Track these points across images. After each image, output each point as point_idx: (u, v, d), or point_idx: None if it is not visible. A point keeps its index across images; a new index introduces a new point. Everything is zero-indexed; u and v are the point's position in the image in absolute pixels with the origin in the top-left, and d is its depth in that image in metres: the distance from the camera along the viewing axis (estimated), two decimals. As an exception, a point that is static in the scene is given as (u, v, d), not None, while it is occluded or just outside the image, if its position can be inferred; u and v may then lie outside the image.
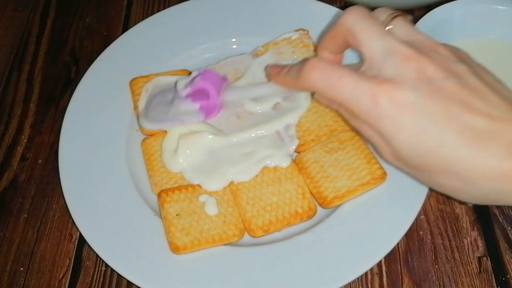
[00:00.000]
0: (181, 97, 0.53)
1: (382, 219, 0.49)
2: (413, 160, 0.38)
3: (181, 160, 0.53)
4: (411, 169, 0.40)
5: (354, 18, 0.40)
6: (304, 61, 0.41)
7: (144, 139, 0.56)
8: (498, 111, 0.36)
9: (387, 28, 0.41)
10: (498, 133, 0.35)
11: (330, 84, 0.39)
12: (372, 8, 0.67)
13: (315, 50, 0.46)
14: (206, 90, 0.52)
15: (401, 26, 0.41)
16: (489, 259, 0.51)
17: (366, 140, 0.41)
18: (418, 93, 0.36)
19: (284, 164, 0.53)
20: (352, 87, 0.38)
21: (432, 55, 0.38)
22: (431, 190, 0.50)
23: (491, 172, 0.35)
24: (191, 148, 0.53)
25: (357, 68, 0.41)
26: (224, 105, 0.54)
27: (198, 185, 0.53)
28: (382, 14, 0.42)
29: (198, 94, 0.52)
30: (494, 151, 0.35)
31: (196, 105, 0.53)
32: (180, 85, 0.54)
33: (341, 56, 0.46)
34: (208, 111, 0.53)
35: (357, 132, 0.42)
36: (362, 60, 0.41)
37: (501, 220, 0.53)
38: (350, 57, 0.50)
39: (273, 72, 0.48)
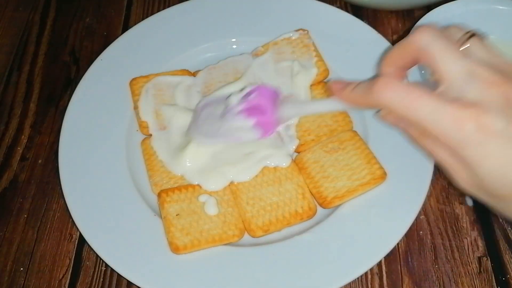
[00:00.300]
0: (234, 112, 0.50)
1: (382, 219, 0.49)
2: (498, 189, 0.36)
3: (187, 162, 0.53)
4: (493, 197, 0.38)
5: (429, 37, 0.39)
6: (374, 78, 0.40)
7: (144, 139, 0.56)
8: None
9: (462, 47, 0.39)
10: None
11: (408, 104, 0.37)
12: (372, 8, 0.68)
13: (380, 66, 0.44)
14: (263, 107, 0.49)
15: (478, 46, 0.39)
16: (489, 259, 0.51)
17: (436, 163, 0.40)
18: (507, 119, 0.35)
19: (284, 164, 0.53)
20: (432, 108, 0.36)
21: None
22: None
23: None
24: (199, 150, 0.53)
25: (427, 86, 0.39)
26: (280, 122, 0.50)
27: (198, 185, 0.53)
28: (457, 32, 0.40)
29: (253, 110, 0.50)
30: None
31: (251, 121, 0.50)
32: (233, 101, 0.51)
33: (406, 73, 0.44)
34: (264, 128, 0.50)
35: (427, 153, 0.41)
36: (435, 80, 0.39)
37: (501, 220, 0.53)
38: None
39: (337, 88, 0.45)
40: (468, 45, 0.39)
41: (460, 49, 0.38)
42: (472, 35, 0.39)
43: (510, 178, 0.35)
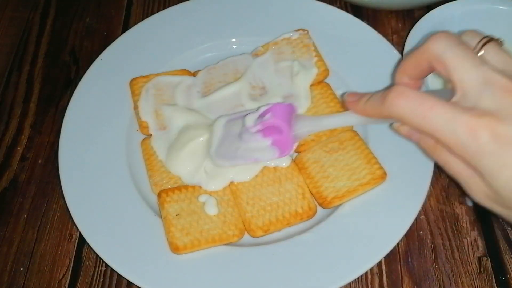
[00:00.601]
0: (251, 133, 0.50)
1: (382, 219, 0.49)
2: None
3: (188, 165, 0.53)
4: (509, 210, 0.37)
5: (444, 45, 0.38)
6: (388, 88, 0.39)
7: (144, 139, 0.56)
8: None
9: (478, 54, 0.38)
10: None
11: (421, 114, 0.37)
12: (372, 8, 0.68)
13: (394, 75, 0.44)
14: (279, 127, 0.49)
15: (494, 52, 0.38)
16: (489, 259, 0.51)
17: (451, 176, 0.40)
18: None
19: (284, 164, 0.53)
20: (447, 118, 0.36)
21: None
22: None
23: None
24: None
25: (442, 94, 0.39)
26: (297, 138, 0.51)
27: (198, 185, 0.53)
28: (473, 38, 0.39)
29: (270, 130, 0.50)
30: None
31: (268, 141, 0.50)
32: (249, 122, 0.50)
33: (421, 82, 0.44)
34: (282, 147, 0.50)
35: (441, 166, 0.41)
36: (449, 88, 0.39)
37: (501, 220, 0.53)
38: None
39: (351, 100, 0.44)
40: (483, 51, 0.38)
41: (476, 56, 0.37)
42: (488, 40, 0.38)
43: None
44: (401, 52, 0.59)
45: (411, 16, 0.68)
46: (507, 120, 0.34)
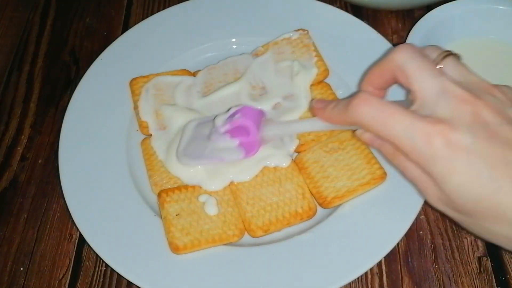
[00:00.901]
0: (220, 133, 0.51)
1: (382, 219, 0.49)
2: (464, 205, 0.37)
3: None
4: (459, 213, 0.39)
5: (406, 56, 0.40)
6: (352, 96, 0.41)
7: (144, 139, 0.56)
8: None
9: (438, 66, 0.40)
10: None
11: (382, 120, 0.38)
12: (372, 8, 0.68)
13: (360, 85, 0.46)
14: (247, 127, 0.50)
15: (453, 65, 0.40)
16: (489, 259, 0.51)
17: (408, 180, 0.42)
18: (474, 136, 0.36)
19: (284, 164, 0.53)
20: (405, 125, 0.37)
21: (487, 98, 0.37)
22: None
23: None
24: None
25: (403, 104, 0.40)
26: (263, 141, 0.52)
27: (198, 185, 0.53)
28: (433, 52, 0.41)
29: (237, 131, 0.51)
30: None
31: (235, 142, 0.51)
32: (218, 122, 0.52)
33: (385, 92, 0.45)
34: (248, 148, 0.51)
35: (399, 171, 0.42)
36: (410, 98, 0.40)
37: (501, 220, 0.53)
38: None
39: (318, 107, 0.46)
40: (443, 64, 0.40)
41: (435, 68, 0.39)
42: (447, 55, 0.40)
43: (474, 194, 0.36)
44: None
45: (411, 16, 0.68)
46: (459, 128, 0.36)
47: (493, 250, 0.51)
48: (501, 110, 0.37)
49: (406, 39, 0.58)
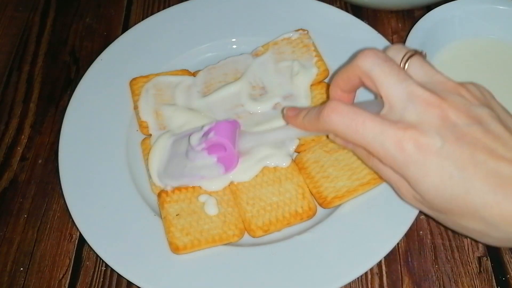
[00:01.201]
0: (196, 151, 0.51)
1: (382, 219, 0.49)
2: (438, 204, 0.38)
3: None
4: (434, 211, 0.40)
5: (371, 62, 0.40)
6: (323, 104, 0.41)
7: (144, 139, 0.56)
8: None
9: (403, 66, 0.41)
10: None
11: (353, 128, 0.39)
12: (372, 8, 0.68)
13: (330, 88, 0.47)
14: (222, 144, 0.50)
15: (418, 65, 0.41)
16: (489, 259, 0.51)
17: (384, 180, 0.43)
18: (443, 139, 0.37)
19: (284, 164, 0.53)
20: (376, 132, 0.38)
21: (453, 98, 0.38)
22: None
23: None
24: None
25: (372, 106, 0.41)
26: (242, 154, 0.52)
27: (198, 185, 0.53)
28: (398, 53, 0.42)
29: (214, 148, 0.51)
30: None
31: (213, 158, 0.51)
32: (193, 141, 0.51)
33: (354, 95, 0.46)
34: (227, 163, 0.52)
35: (374, 171, 0.44)
36: (378, 100, 0.41)
37: (501, 220, 0.53)
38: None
39: (290, 115, 0.47)
40: (407, 65, 0.41)
41: (401, 71, 0.40)
42: (412, 55, 0.41)
43: (447, 194, 0.37)
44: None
45: (411, 16, 0.68)
46: (429, 132, 0.37)
47: (493, 250, 0.51)
48: (468, 110, 0.38)
49: (406, 39, 0.58)
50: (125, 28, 0.70)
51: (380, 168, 0.42)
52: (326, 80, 0.59)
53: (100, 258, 0.50)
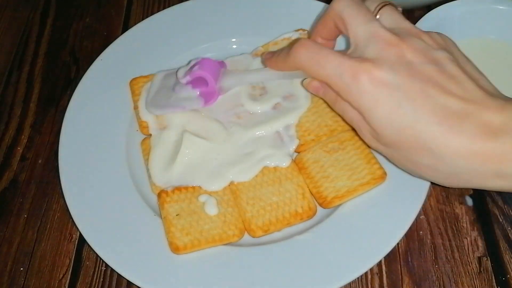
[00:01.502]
0: (182, 84, 0.55)
1: (382, 219, 0.49)
2: (389, 137, 0.40)
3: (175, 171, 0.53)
4: (388, 148, 0.42)
5: (344, 5, 0.43)
6: (294, 41, 0.44)
7: (144, 139, 0.56)
8: (472, 95, 0.39)
9: (377, 16, 0.44)
10: (470, 115, 0.38)
11: (316, 61, 0.42)
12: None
13: (310, 35, 0.50)
14: (204, 78, 0.54)
15: (388, 13, 0.44)
16: (489, 259, 0.51)
17: (349, 123, 0.45)
18: (396, 73, 0.39)
19: (284, 164, 0.53)
20: (335, 64, 0.41)
21: (414, 41, 0.41)
22: (433, 185, 0.50)
23: (461, 150, 0.37)
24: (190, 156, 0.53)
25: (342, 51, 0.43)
26: (222, 91, 0.56)
27: (198, 185, 0.53)
28: (373, 3, 0.45)
29: (197, 82, 0.54)
30: (466, 130, 0.37)
31: (196, 92, 0.55)
32: (180, 74, 0.55)
33: (333, 43, 0.49)
34: (207, 98, 0.55)
35: (341, 115, 0.46)
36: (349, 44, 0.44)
37: (501, 220, 0.53)
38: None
39: (267, 57, 0.50)
40: (379, 15, 0.44)
41: (369, 14, 0.43)
42: (385, 4, 0.44)
43: (396, 124, 0.39)
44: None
45: (411, 16, 0.68)
46: (383, 66, 0.39)
47: (493, 250, 0.51)
48: (426, 52, 0.40)
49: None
50: (125, 28, 0.70)
51: (344, 109, 0.44)
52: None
53: (100, 258, 0.50)
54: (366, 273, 0.50)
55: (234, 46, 0.63)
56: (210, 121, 0.56)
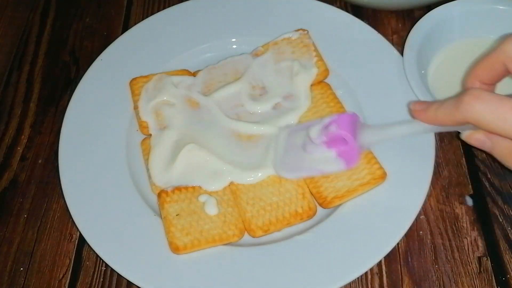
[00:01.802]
0: (315, 144, 0.50)
1: (382, 219, 0.49)
2: None
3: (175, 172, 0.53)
4: None
5: None
6: (461, 94, 0.38)
7: (144, 139, 0.56)
8: None
9: None
10: None
11: (501, 116, 0.36)
12: (372, 8, 0.68)
13: (465, 81, 0.44)
14: (343, 138, 0.48)
15: None
16: (489, 259, 0.51)
17: None
18: None
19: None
20: None
21: None
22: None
23: None
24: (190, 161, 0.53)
25: None
26: (362, 149, 0.49)
27: (198, 185, 0.53)
28: None
29: (334, 141, 0.49)
30: None
31: (333, 152, 0.49)
32: (313, 133, 0.49)
33: (494, 88, 0.44)
34: (347, 158, 0.49)
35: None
36: None
37: (501, 220, 0.53)
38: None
39: (418, 109, 0.44)
40: None
41: None
42: None
43: None
44: (401, 52, 0.59)
45: (411, 16, 0.68)
46: None
47: (493, 250, 0.51)
48: None
49: (406, 39, 0.58)
50: (125, 28, 0.70)
51: None
52: (326, 80, 0.59)
53: (100, 258, 0.50)
54: (366, 273, 0.50)
55: (234, 46, 0.63)
56: (210, 122, 0.56)
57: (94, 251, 0.49)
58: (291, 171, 0.52)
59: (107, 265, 0.51)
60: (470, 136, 0.42)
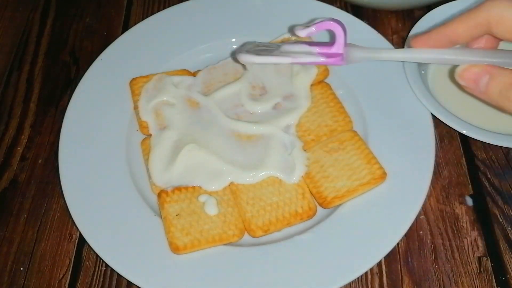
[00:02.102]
0: (294, 42, 0.45)
1: (382, 219, 0.49)
2: None
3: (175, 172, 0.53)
4: None
5: (504, 5, 0.37)
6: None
7: (144, 139, 0.56)
8: None
9: None
10: None
11: None
12: (372, 8, 0.68)
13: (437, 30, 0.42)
14: (334, 31, 0.44)
15: None
16: (489, 259, 0.51)
17: None
18: None
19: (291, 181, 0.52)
20: None
21: None
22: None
23: None
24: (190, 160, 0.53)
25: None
26: (346, 60, 0.45)
27: (198, 185, 0.53)
28: None
29: (318, 43, 0.45)
30: None
31: (315, 49, 0.46)
32: (297, 27, 0.46)
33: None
34: (329, 56, 0.45)
35: None
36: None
37: (501, 220, 0.53)
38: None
39: (417, 38, 0.42)
40: None
41: None
42: None
43: None
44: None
45: (411, 16, 0.68)
46: None
47: (493, 250, 0.51)
48: None
49: (406, 39, 0.58)
50: (125, 28, 0.70)
51: None
52: (326, 80, 0.59)
53: (100, 258, 0.50)
54: (366, 273, 0.50)
55: (234, 46, 0.63)
56: (210, 122, 0.56)
57: (94, 251, 0.49)
58: (255, 57, 0.47)
59: (107, 265, 0.51)
60: (467, 70, 0.40)
